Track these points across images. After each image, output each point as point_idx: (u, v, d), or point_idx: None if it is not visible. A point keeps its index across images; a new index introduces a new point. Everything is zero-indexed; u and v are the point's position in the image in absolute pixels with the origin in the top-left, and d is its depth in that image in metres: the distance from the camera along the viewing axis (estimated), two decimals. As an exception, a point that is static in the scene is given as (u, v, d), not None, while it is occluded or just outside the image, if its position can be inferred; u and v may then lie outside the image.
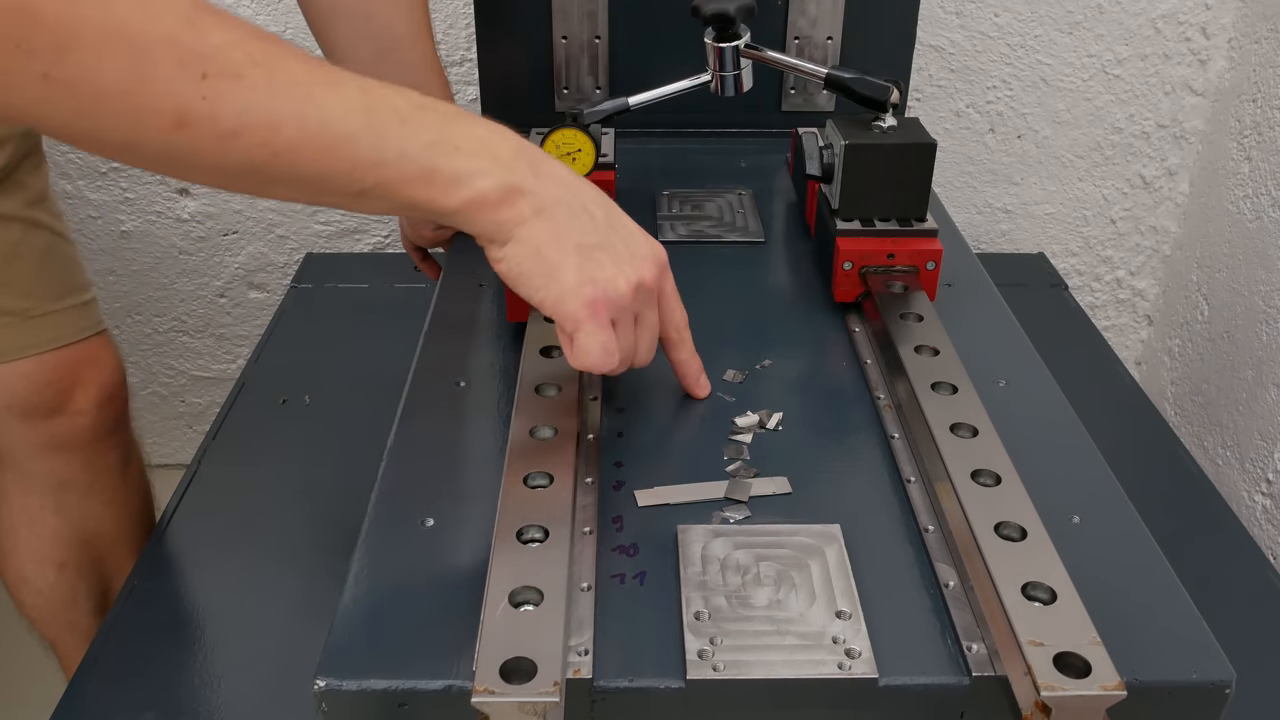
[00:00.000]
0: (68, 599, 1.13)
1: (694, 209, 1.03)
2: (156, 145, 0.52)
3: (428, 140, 0.59)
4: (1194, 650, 0.55)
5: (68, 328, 1.04)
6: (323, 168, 0.56)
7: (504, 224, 0.61)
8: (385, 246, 1.62)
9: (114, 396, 1.09)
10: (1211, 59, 1.47)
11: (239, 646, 0.88)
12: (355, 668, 0.53)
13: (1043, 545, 0.57)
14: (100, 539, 1.13)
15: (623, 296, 0.64)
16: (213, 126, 0.52)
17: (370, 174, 0.57)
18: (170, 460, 1.80)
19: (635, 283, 0.64)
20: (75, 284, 1.06)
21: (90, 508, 1.11)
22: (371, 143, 0.57)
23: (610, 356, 0.63)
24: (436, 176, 0.59)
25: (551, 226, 0.62)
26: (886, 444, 0.71)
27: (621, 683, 0.53)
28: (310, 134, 0.55)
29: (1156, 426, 1.21)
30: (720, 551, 0.60)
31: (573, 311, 0.62)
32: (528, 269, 0.62)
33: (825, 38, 1.16)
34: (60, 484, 1.08)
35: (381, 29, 0.89)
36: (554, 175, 0.63)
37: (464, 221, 0.61)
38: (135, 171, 1.53)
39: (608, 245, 0.64)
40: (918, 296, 0.81)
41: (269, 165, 0.54)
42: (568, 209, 0.63)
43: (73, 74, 0.49)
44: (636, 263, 0.65)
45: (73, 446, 1.07)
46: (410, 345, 0.81)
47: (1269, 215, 1.37)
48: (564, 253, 0.62)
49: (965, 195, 1.58)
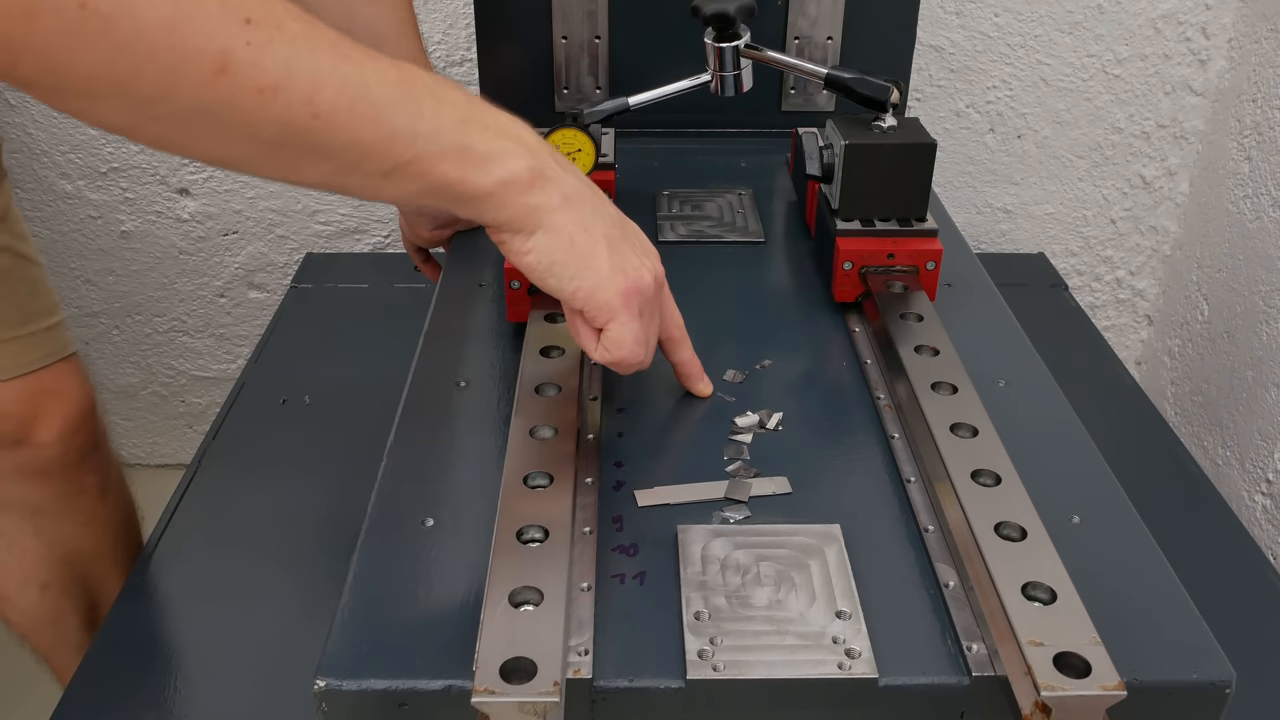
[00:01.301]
0: (53, 617, 1.11)
1: (694, 209, 1.03)
2: (191, 96, 0.48)
3: (460, 116, 0.57)
4: (1194, 650, 0.55)
5: (26, 356, 1.00)
6: (359, 136, 0.53)
7: (535, 209, 0.60)
8: (385, 246, 1.62)
9: (80, 427, 1.05)
10: (1211, 59, 1.47)
11: (239, 647, 0.88)
12: (355, 668, 0.53)
13: (1043, 545, 0.57)
14: (82, 558, 1.11)
15: (649, 288, 0.64)
16: (254, 77, 0.49)
17: (407, 147, 0.55)
18: (170, 460, 1.80)
19: (655, 275, 0.65)
20: (39, 308, 1.02)
21: (69, 530, 1.08)
22: (409, 113, 0.54)
23: (641, 348, 0.63)
24: (470, 154, 0.57)
25: (579, 216, 0.61)
26: (886, 444, 0.71)
27: (621, 683, 0.53)
28: (351, 98, 0.52)
29: (1156, 426, 1.21)
30: (720, 551, 0.60)
31: (608, 301, 0.62)
32: (560, 258, 0.61)
33: (825, 38, 1.16)
34: (35, 509, 1.06)
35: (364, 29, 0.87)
36: (570, 167, 0.63)
37: (494, 206, 0.59)
38: (135, 171, 1.54)
39: (627, 237, 0.64)
40: (918, 296, 0.81)
41: (306, 130, 0.51)
42: (589, 200, 0.62)
43: (112, 4, 0.45)
44: (650, 257, 0.65)
45: (44, 474, 1.04)
46: (410, 345, 0.81)
47: (1269, 215, 1.37)
48: (594, 242, 0.61)
49: (965, 195, 1.58)
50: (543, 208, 0.60)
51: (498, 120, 0.60)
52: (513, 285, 0.80)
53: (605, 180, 0.95)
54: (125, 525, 1.16)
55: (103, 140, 1.51)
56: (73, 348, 1.06)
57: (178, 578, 0.97)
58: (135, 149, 1.52)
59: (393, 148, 0.54)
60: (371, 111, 0.53)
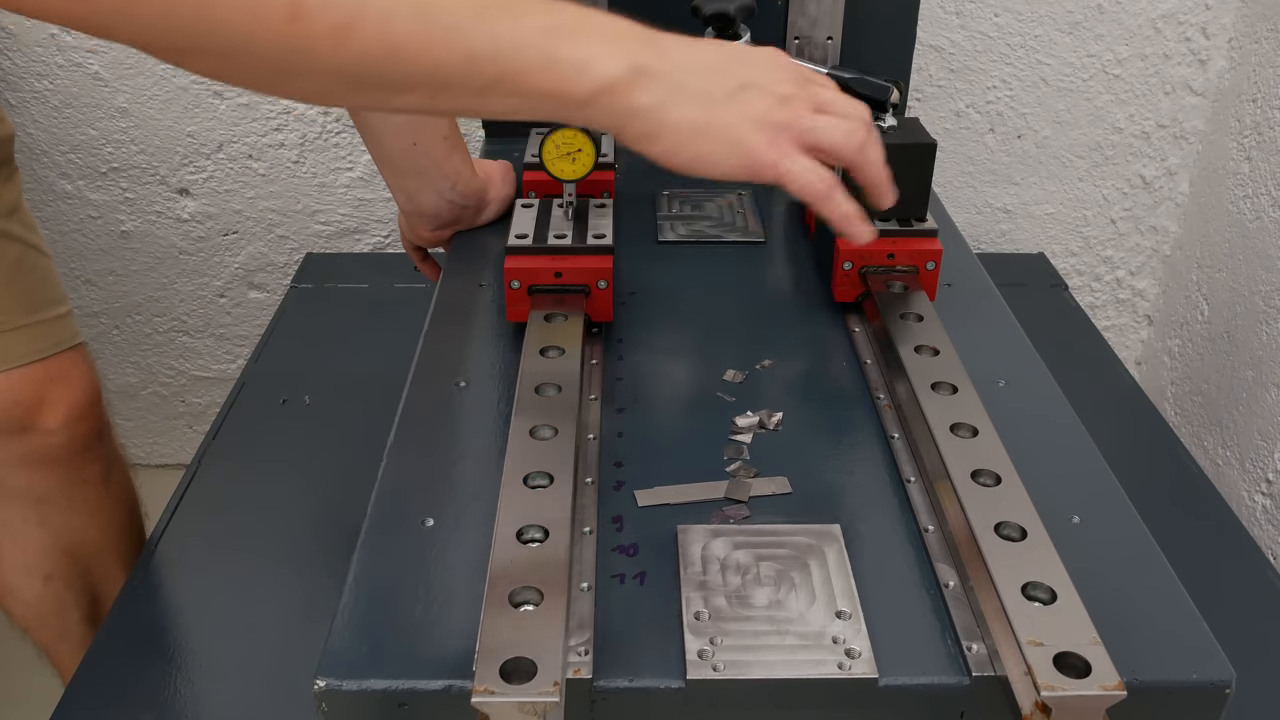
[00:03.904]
0: (56, 609, 1.12)
1: (694, 209, 1.03)
2: (271, 43, 0.49)
3: (540, 26, 0.55)
4: (1194, 650, 0.55)
5: (34, 344, 1.01)
6: (440, 61, 0.52)
7: (646, 111, 0.57)
8: (385, 246, 1.62)
9: (86, 415, 1.06)
10: (1211, 59, 1.47)
11: (239, 646, 0.88)
12: (355, 668, 0.53)
13: (1043, 545, 0.57)
14: (85, 550, 1.11)
15: (790, 117, 0.60)
16: (326, 16, 0.49)
17: (489, 65, 0.53)
18: (170, 460, 1.79)
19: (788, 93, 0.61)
20: (47, 298, 1.04)
21: (73, 520, 1.09)
22: (486, 31, 0.53)
23: (823, 177, 0.61)
24: (559, 64, 0.55)
25: (698, 98, 0.59)
26: (886, 444, 0.71)
27: (621, 683, 0.53)
28: (426, 23, 0.51)
29: (1156, 426, 1.21)
30: (720, 551, 0.60)
31: (768, 163, 0.60)
32: (701, 150, 0.59)
33: (825, 38, 1.16)
34: (40, 498, 1.07)
35: None
36: (669, 47, 0.60)
37: (604, 114, 0.57)
38: (135, 171, 1.54)
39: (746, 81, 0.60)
40: (918, 296, 0.81)
41: (386, 63, 0.51)
42: (698, 72, 0.59)
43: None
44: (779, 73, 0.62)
45: (49, 463, 1.05)
46: (410, 345, 0.81)
47: (1269, 215, 1.37)
48: (726, 113, 0.59)
49: (965, 195, 1.58)
50: (653, 108, 0.57)
51: (589, 22, 0.57)
52: (513, 285, 0.80)
53: (605, 180, 0.95)
54: (129, 519, 1.16)
55: (103, 140, 1.51)
56: (80, 338, 1.08)
57: (178, 577, 0.97)
58: (135, 149, 1.52)
59: (476, 68, 0.53)
60: (446, 36, 0.52)
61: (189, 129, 1.51)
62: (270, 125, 1.51)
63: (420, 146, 0.91)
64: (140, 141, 1.52)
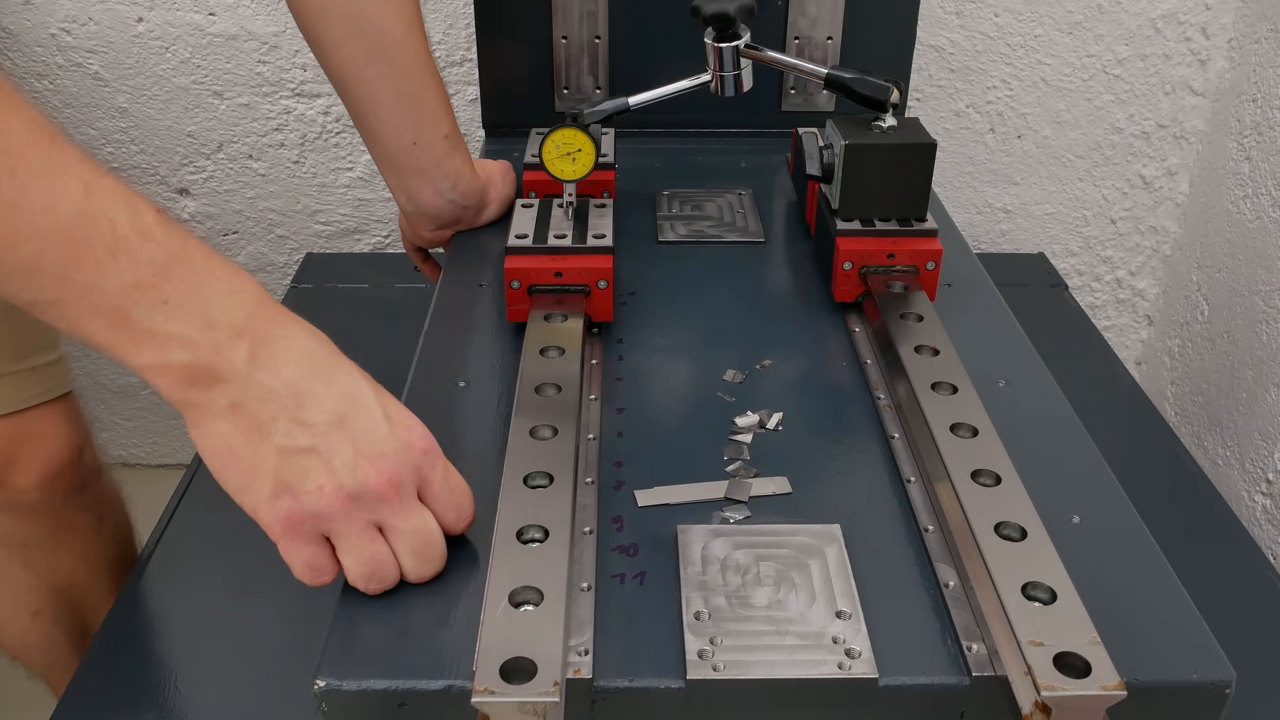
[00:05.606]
0: (45, 643, 1.09)
1: (694, 209, 1.03)
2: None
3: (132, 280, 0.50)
4: (1194, 650, 0.55)
5: (14, 394, 0.96)
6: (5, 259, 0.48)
7: (191, 407, 0.54)
8: (385, 246, 1.62)
9: (63, 472, 1.00)
10: (1211, 59, 1.47)
11: (239, 647, 0.88)
12: (355, 668, 0.53)
13: (1043, 545, 0.57)
14: (74, 588, 1.08)
15: (329, 509, 0.54)
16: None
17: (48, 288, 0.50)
18: (170, 460, 1.79)
19: (352, 492, 0.54)
20: (35, 344, 0.98)
21: (60, 562, 1.05)
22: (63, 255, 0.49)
23: (318, 574, 0.56)
24: (127, 324, 0.51)
25: (247, 425, 0.54)
26: (886, 444, 0.71)
27: (621, 683, 0.53)
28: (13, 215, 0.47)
29: (1156, 426, 1.21)
30: (720, 551, 0.60)
31: (268, 525, 0.55)
32: (219, 466, 0.55)
33: (825, 38, 1.16)
34: (22, 544, 1.02)
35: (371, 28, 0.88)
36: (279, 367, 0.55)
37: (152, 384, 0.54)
38: (135, 171, 1.54)
39: (323, 448, 0.54)
40: (918, 296, 0.81)
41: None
42: (279, 406, 0.54)
43: None
44: (365, 466, 0.55)
45: (30, 514, 1.00)
46: (410, 345, 0.81)
47: (1269, 215, 1.37)
48: (261, 456, 0.54)
49: (965, 195, 1.58)
50: (200, 408, 0.54)
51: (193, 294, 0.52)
52: (513, 285, 0.80)
53: (605, 180, 0.95)
54: (120, 556, 1.13)
55: (103, 140, 1.52)
56: (68, 386, 1.02)
57: (177, 577, 0.97)
58: (135, 149, 1.52)
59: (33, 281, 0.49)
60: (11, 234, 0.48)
61: (189, 129, 1.51)
62: (270, 125, 1.51)
63: (421, 146, 0.91)
64: (140, 141, 1.52)
